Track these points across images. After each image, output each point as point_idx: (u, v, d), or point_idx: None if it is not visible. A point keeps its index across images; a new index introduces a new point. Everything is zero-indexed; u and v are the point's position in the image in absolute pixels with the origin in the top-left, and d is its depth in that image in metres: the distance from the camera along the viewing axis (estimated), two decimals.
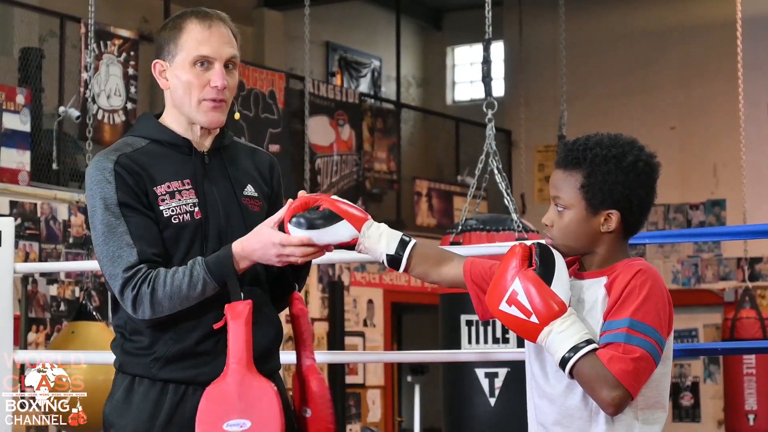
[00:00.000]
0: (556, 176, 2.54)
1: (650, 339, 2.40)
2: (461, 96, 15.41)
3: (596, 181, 2.48)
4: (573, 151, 2.52)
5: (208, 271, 2.66)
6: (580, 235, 2.52)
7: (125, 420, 2.74)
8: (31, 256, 8.16)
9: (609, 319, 2.43)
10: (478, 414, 5.24)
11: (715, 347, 5.21)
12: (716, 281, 12.82)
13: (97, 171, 2.73)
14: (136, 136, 2.82)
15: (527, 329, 2.44)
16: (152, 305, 2.66)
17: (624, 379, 2.37)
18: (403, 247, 2.68)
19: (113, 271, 2.68)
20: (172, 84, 2.80)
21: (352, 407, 11.04)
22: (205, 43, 2.77)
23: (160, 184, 2.74)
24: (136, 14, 11.24)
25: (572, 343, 2.39)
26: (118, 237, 2.68)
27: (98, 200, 2.71)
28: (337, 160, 11.27)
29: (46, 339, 8.11)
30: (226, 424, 2.62)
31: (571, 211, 2.51)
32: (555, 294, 2.42)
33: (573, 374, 2.40)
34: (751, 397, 9.90)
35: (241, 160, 2.89)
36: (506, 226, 5.39)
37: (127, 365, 2.77)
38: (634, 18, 13.53)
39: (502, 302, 2.45)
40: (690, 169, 12.96)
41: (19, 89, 8.37)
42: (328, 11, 13.29)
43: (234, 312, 2.67)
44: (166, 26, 2.83)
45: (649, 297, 2.42)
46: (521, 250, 2.49)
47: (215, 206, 2.78)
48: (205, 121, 2.80)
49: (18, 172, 8.21)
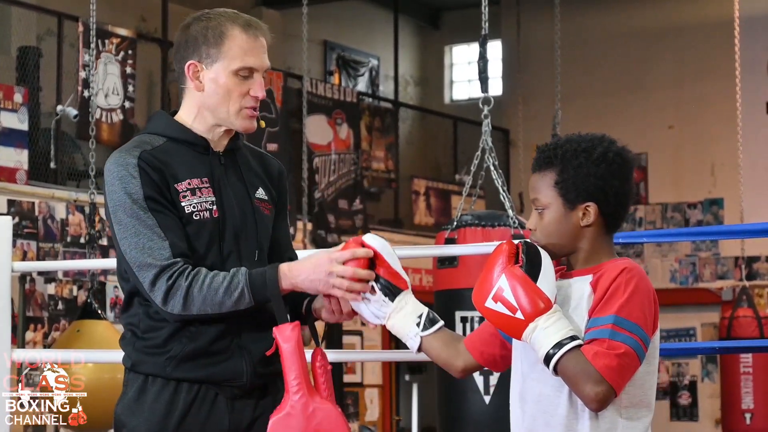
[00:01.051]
0: (533, 179, 2.58)
1: (635, 336, 2.41)
2: (459, 95, 15.41)
3: (569, 176, 2.51)
4: (545, 152, 2.56)
5: (249, 283, 2.65)
6: (562, 233, 2.53)
7: (138, 420, 2.73)
8: (29, 255, 8.15)
9: (594, 316, 2.44)
10: (473, 412, 5.22)
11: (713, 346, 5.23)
12: (714, 280, 12.83)
13: (120, 167, 2.71)
14: (152, 133, 2.81)
15: (512, 326, 2.45)
16: (185, 300, 2.64)
17: (608, 374, 2.37)
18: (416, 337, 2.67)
19: (145, 261, 2.65)
20: (208, 88, 2.79)
21: (349, 406, 11.05)
22: (252, 55, 2.77)
23: (181, 181, 2.73)
24: (134, 13, 11.24)
25: (556, 339, 2.40)
26: (149, 229, 2.66)
27: (123, 195, 2.69)
28: (335, 159, 11.27)
29: (43, 338, 8.11)
30: None
31: (550, 210, 2.54)
32: (541, 291, 2.43)
33: (557, 370, 2.41)
34: (748, 396, 9.90)
35: (252, 163, 2.90)
36: (502, 222, 5.37)
37: (139, 364, 2.75)
38: (632, 17, 13.54)
39: (488, 299, 2.46)
40: (687, 168, 12.97)
41: (17, 88, 8.37)
42: (326, 10, 13.29)
43: (284, 336, 2.66)
44: (199, 25, 2.79)
45: (634, 294, 2.43)
46: (508, 247, 2.50)
47: (231, 206, 2.78)
48: (242, 128, 2.81)
49: (16, 171, 8.21)
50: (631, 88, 13.35)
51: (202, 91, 2.80)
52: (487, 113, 5.71)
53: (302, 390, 2.63)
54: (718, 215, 12.90)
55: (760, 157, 12.25)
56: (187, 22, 2.83)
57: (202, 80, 2.79)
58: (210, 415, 2.73)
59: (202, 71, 2.79)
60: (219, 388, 2.72)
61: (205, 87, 2.79)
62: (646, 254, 12.80)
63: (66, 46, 9.06)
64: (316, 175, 10.93)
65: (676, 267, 12.98)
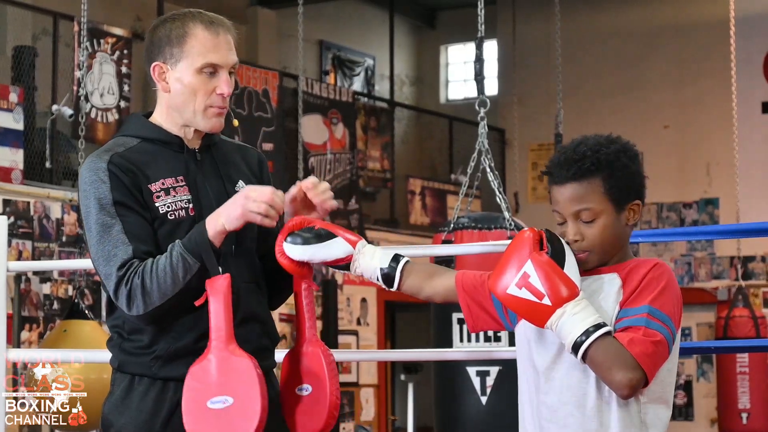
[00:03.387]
0: (572, 190, 2.51)
1: (667, 327, 2.41)
2: (455, 95, 15.42)
3: (619, 179, 2.50)
4: (584, 161, 2.50)
5: (185, 249, 2.65)
6: (615, 237, 2.52)
7: (125, 419, 2.73)
8: (24, 255, 8.14)
9: (626, 307, 2.44)
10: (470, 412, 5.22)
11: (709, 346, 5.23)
12: (709, 280, 12.84)
13: (91, 172, 2.71)
14: (127, 135, 2.81)
15: (538, 312, 2.42)
16: (143, 297, 2.64)
17: (643, 361, 2.37)
18: (396, 262, 2.72)
19: (108, 271, 2.67)
20: (174, 88, 2.79)
21: (345, 406, 11.04)
22: (213, 51, 2.76)
23: (154, 181, 2.73)
24: (129, 13, 11.23)
25: (585, 326, 2.38)
26: (114, 236, 2.67)
27: (93, 200, 2.70)
28: (330, 159, 11.27)
29: (39, 337, 8.10)
30: (209, 401, 2.61)
31: (603, 217, 2.51)
32: (568, 277, 2.42)
33: (585, 358, 2.39)
34: (744, 396, 9.91)
35: (231, 156, 2.89)
36: (498, 225, 5.37)
37: (125, 364, 2.76)
38: (628, 17, 13.54)
39: (511, 285, 2.44)
40: (683, 167, 12.97)
41: (12, 87, 8.35)
42: (321, 10, 13.29)
43: (213, 287, 2.66)
44: (164, 27, 2.80)
45: (666, 289, 2.45)
46: (532, 234, 2.48)
47: (209, 203, 2.77)
48: (208, 127, 2.80)
49: (11, 171, 8.20)
50: (626, 87, 13.35)
51: (168, 92, 2.80)
52: (483, 115, 5.71)
53: (223, 341, 2.64)
54: (714, 215, 12.91)
55: (756, 157, 12.26)
56: (154, 25, 2.84)
57: (168, 81, 2.79)
58: None
59: (168, 72, 2.79)
60: None
61: (171, 87, 2.79)
62: (642, 254, 12.80)
63: (61, 46, 9.05)
64: (312, 174, 10.92)
65: (672, 267, 12.98)
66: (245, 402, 2.61)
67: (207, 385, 2.62)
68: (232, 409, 2.61)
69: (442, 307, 5.27)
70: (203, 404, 2.62)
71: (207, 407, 2.61)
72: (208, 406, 2.61)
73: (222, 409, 2.61)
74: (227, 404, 2.61)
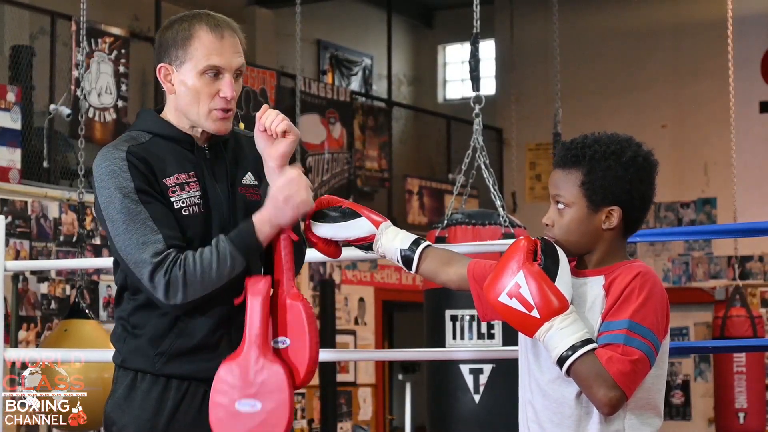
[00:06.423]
0: (556, 175, 2.55)
1: (648, 342, 2.40)
2: (452, 94, 15.41)
3: (596, 178, 2.49)
4: (571, 150, 2.53)
5: (233, 245, 2.66)
6: (582, 233, 2.51)
7: (128, 417, 2.73)
8: (22, 254, 8.14)
9: (608, 320, 2.43)
10: (463, 410, 5.22)
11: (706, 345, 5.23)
12: (707, 280, 12.84)
13: (109, 162, 2.71)
14: (139, 130, 2.81)
15: (526, 323, 2.43)
16: (185, 288, 2.63)
17: (621, 380, 2.37)
18: (416, 245, 2.80)
19: (140, 257, 2.64)
20: (178, 90, 2.79)
21: (343, 405, 11.04)
22: (217, 54, 2.76)
23: (170, 176, 2.74)
24: (127, 12, 11.23)
25: (571, 341, 2.38)
26: (141, 223, 2.66)
27: (114, 190, 2.68)
28: (328, 158, 11.27)
29: (36, 337, 8.10)
30: (238, 403, 2.63)
31: (572, 209, 2.51)
32: (558, 290, 2.41)
33: (570, 373, 2.40)
34: (741, 396, 9.91)
35: (240, 149, 2.90)
36: (492, 221, 5.37)
37: (129, 360, 2.75)
38: (625, 16, 13.54)
39: (502, 294, 2.44)
40: (681, 167, 12.97)
41: (10, 87, 8.35)
42: (319, 9, 13.28)
43: (254, 288, 2.68)
44: (172, 28, 2.80)
45: (648, 299, 2.43)
46: (526, 243, 2.48)
47: (218, 200, 2.78)
48: (213, 129, 2.80)
49: (9, 170, 8.20)
50: (624, 87, 13.35)
51: (174, 93, 2.81)
52: (478, 112, 5.72)
53: (258, 345, 2.64)
54: (711, 214, 12.91)
55: (754, 157, 12.26)
56: (164, 26, 2.84)
57: (173, 83, 2.80)
58: (200, 412, 2.73)
59: (173, 74, 2.79)
60: (208, 385, 2.71)
61: (176, 89, 2.80)
62: (639, 254, 12.81)
63: (59, 45, 9.04)
64: (310, 174, 10.92)
65: (669, 266, 12.99)
66: (274, 411, 2.62)
67: (238, 387, 2.63)
68: (258, 416, 2.62)
69: (435, 304, 5.27)
70: (232, 404, 2.63)
71: (235, 408, 2.63)
72: (236, 407, 2.63)
73: (248, 413, 2.62)
74: (255, 409, 2.62)
